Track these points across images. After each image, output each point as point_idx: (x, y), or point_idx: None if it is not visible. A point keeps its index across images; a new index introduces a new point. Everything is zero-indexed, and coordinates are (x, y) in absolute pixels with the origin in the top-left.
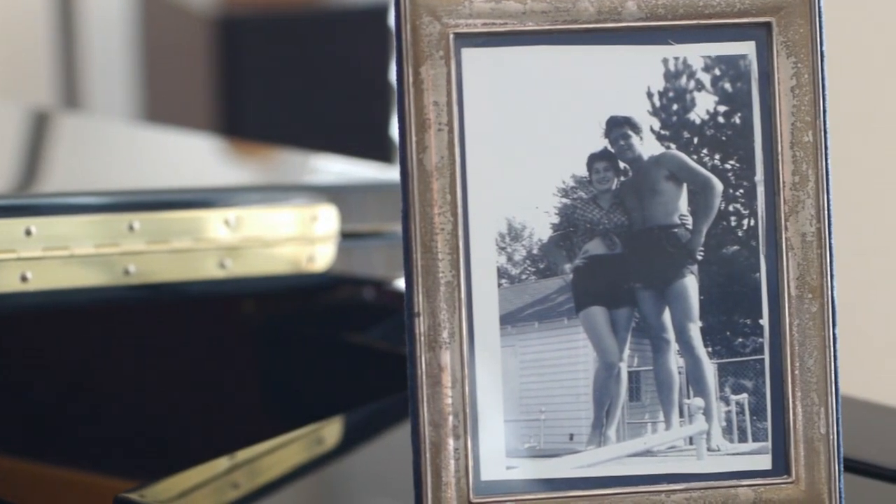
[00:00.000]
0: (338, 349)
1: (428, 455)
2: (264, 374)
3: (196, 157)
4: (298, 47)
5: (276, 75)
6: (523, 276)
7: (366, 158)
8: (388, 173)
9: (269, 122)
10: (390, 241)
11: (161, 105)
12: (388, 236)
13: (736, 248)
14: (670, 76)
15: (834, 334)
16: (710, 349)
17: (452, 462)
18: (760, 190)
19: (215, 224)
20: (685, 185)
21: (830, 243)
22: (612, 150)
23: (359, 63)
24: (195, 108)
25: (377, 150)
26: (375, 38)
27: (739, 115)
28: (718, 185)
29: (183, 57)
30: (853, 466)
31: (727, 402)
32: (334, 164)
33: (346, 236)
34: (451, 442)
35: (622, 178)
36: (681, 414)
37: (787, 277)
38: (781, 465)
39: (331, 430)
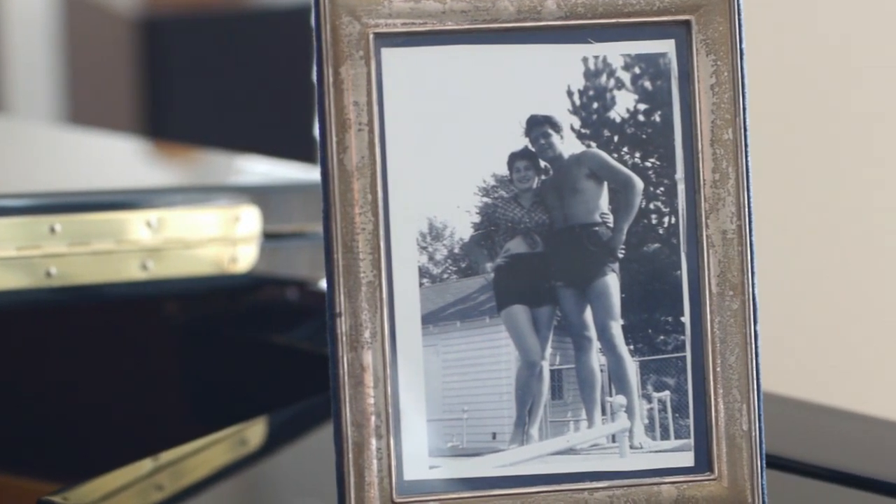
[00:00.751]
0: (261, 350)
1: (350, 455)
2: (187, 376)
3: (118, 158)
4: (221, 48)
5: (198, 76)
6: (445, 276)
7: (289, 159)
8: (311, 173)
9: (192, 123)
10: (313, 241)
11: (83, 106)
12: (311, 237)
13: (657, 245)
14: (590, 75)
15: (755, 331)
16: (631, 347)
17: (375, 462)
18: (681, 188)
19: (137, 225)
20: (606, 184)
21: (751, 240)
22: (533, 149)
23: (281, 63)
24: (118, 109)
25: (300, 150)
26: (297, 38)
27: (659, 113)
28: (639, 184)
29: (105, 58)
30: (776, 463)
31: (649, 399)
32: (257, 164)
33: (269, 237)
34: (373, 442)
35: (543, 177)
36: (603, 412)
37: (708, 275)
38: (704, 462)
39: (254, 431)
